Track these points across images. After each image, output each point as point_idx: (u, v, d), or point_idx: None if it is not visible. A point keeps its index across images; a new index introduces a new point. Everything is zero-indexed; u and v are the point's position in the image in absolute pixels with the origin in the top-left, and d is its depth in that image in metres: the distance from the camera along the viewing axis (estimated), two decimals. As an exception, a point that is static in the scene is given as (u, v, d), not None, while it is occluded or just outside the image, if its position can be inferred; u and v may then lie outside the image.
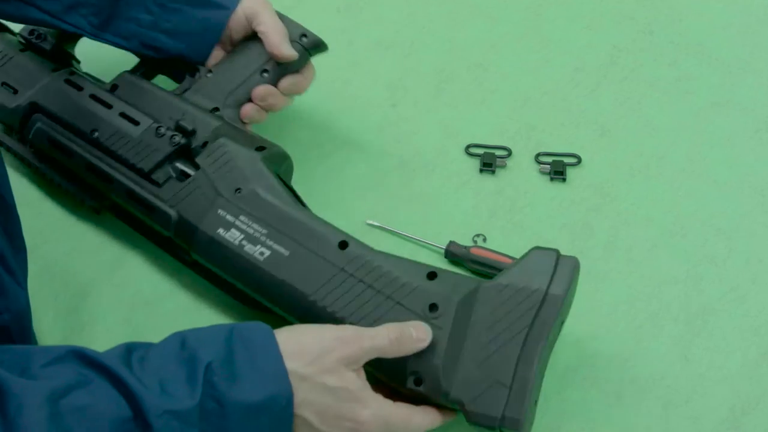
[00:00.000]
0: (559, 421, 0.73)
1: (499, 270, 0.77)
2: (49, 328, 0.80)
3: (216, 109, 0.83)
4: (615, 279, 0.83)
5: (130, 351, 0.60)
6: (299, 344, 0.62)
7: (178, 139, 0.80)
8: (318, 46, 0.88)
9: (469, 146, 0.93)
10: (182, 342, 0.60)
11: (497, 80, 1.00)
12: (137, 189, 0.80)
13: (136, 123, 0.82)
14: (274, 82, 0.85)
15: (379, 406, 0.64)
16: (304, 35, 0.86)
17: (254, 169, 0.77)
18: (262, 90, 0.84)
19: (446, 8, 1.08)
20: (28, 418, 0.53)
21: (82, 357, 0.58)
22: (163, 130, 0.80)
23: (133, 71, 0.88)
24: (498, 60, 1.02)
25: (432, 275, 0.69)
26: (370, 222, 0.87)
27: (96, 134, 0.82)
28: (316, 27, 1.05)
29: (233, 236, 0.74)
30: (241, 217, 0.75)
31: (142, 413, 0.55)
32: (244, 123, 0.84)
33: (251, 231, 0.74)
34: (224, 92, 0.84)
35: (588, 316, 0.80)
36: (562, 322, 0.68)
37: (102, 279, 0.83)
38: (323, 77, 1.00)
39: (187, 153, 0.80)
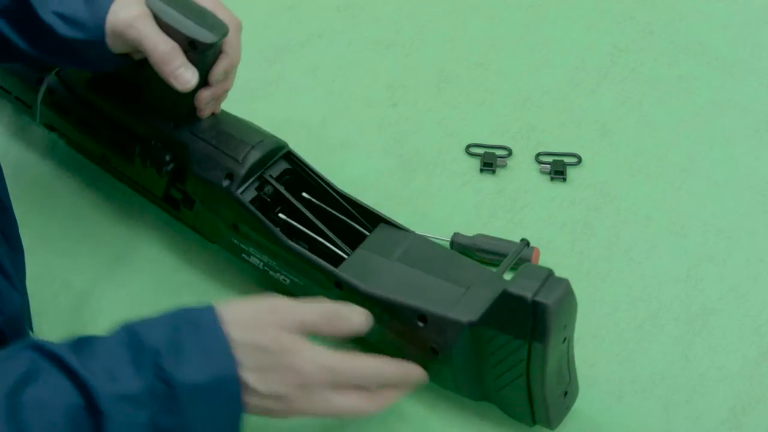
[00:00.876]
0: (560, 421, 0.73)
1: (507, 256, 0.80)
2: (50, 328, 0.80)
3: (176, 124, 0.78)
4: (615, 279, 0.83)
5: (80, 341, 0.60)
6: (236, 314, 0.62)
7: (165, 168, 0.78)
8: (214, 44, 0.71)
9: (469, 146, 0.93)
10: (129, 329, 0.60)
11: (497, 80, 1.00)
12: (167, 212, 0.82)
13: (127, 150, 0.81)
14: (206, 80, 0.75)
15: (317, 352, 0.63)
16: (192, 42, 0.71)
17: (232, 207, 0.75)
18: (201, 98, 0.76)
19: (446, 8, 1.08)
20: None
21: (36, 347, 0.58)
22: (149, 161, 0.79)
23: (94, 77, 0.82)
24: (498, 60, 1.02)
25: (422, 318, 0.68)
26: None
27: (108, 163, 0.84)
28: (316, 27, 1.06)
29: (256, 262, 0.77)
30: (251, 248, 0.76)
31: (92, 400, 0.56)
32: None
33: (266, 260, 0.76)
34: (169, 112, 0.78)
35: (588, 316, 0.80)
36: (565, 338, 0.68)
37: (102, 279, 0.83)
38: (323, 77, 1.00)
39: (180, 172, 0.79)
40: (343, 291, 0.71)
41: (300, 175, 0.79)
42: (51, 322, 0.80)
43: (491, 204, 0.89)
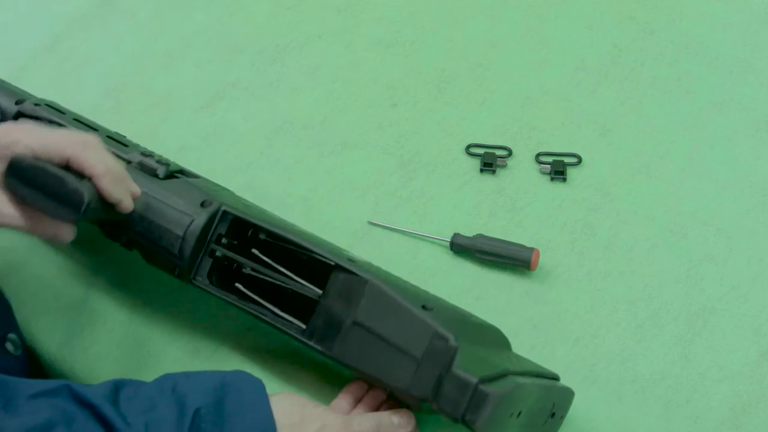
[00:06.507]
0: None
1: (507, 257, 0.82)
2: (50, 328, 0.80)
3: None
4: (615, 279, 0.83)
5: (118, 388, 0.59)
6: (299, 416, 0.63)
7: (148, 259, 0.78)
8: (80, 216, 0.66)
9: (469, 146, 0.93)
10: (173, 386, 0.60)
11: (497, 80, 1.00)
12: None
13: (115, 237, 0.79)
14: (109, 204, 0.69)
15: None
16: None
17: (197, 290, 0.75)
18: (123, 209, 0.70)
19: (446, 8, 1.08)
20: None
21: (70, 393, 0.57)
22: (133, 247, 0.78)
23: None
24: (498, 60, 1.02)
25: (387, 388, 0.69)
26: (373, 221, 0.87)
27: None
28: (316, 27, 1.06)
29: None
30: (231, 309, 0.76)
31: None
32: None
33: (244, 317, 0.75)
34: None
35: (588, 316, 0.80)
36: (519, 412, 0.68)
37: (103, 280, 0.83)
38: (323, 77, 1.00)
39: None
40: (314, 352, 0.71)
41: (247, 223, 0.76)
42: (51, 323, 0.80)
43: (491, 204, 0.89)
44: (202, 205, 0.74)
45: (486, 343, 0.70)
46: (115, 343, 0.79)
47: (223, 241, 0.74)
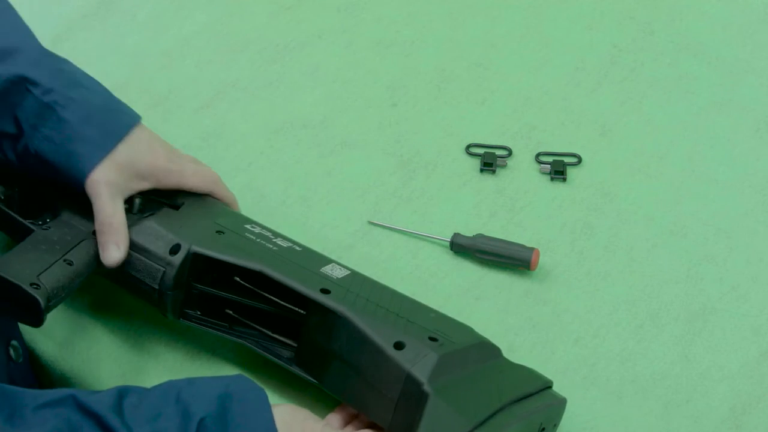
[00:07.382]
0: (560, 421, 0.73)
1: (507, 257, 0.82)
2: (50, 328, 0.80)
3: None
4: (615, 279, 0.83)
5: (122, 396, 0.59)
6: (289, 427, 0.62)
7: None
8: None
9: (469, 146, 0.93)
10: (177, 394, 0.60)
11: (497, 80, 1.00)
12: None
13: None
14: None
15: None
16: None
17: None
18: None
19: (446, 8, 1.08)
20: None
21: (75, 403, 0.57)
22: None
23: None
24: (498, 60, 1.02)
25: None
26: (373, 221, 0.87)
27: None
28: (316, 27, 1.06)
29: None
30: None
31: None
32: None
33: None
34: None
35: (588, 316, 0.80)
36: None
37: (103, 280, 0.83)
38: (323, 77, 1.00)
39: None
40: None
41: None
42: (52, 325, 0.80)
43: (491, 204, 0.89)
44: (172, 251, 0.73)
45: (469, 366, 0.68)
46: (116, 343, 0.79)
47: (202, 277, 0.74)
